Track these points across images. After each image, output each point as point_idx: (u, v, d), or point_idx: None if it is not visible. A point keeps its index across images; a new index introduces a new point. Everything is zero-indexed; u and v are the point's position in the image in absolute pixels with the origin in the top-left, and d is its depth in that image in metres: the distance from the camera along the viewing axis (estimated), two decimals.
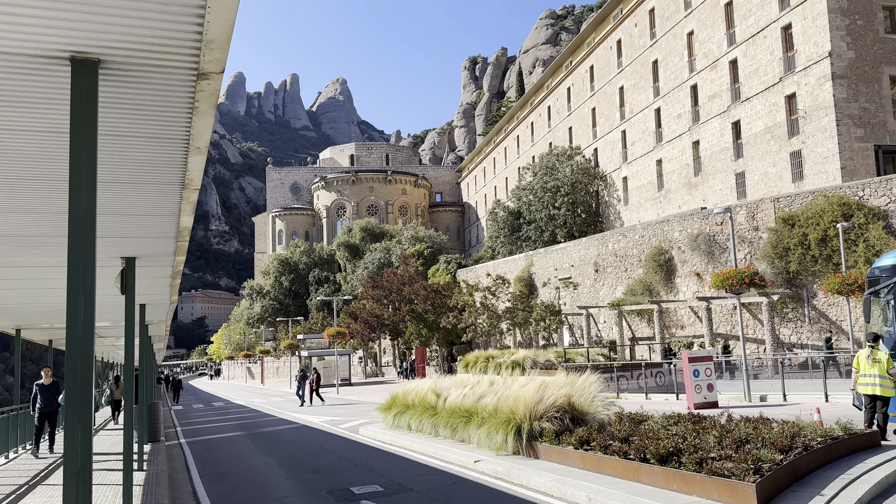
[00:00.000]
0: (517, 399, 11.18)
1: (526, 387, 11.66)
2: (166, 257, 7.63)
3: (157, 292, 10.69)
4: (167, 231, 6.36)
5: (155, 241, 6.78)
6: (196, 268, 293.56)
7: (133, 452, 13.82)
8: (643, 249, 40.85)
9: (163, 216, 5.88)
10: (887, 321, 14.58)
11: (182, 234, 6.46)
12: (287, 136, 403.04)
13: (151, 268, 8.29)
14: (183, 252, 7.39)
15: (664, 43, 50.76)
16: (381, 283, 61.83)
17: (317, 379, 35.04)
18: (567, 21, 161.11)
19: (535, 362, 26.72)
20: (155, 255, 7.54)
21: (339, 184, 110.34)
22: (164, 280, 9.46)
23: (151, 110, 3.91)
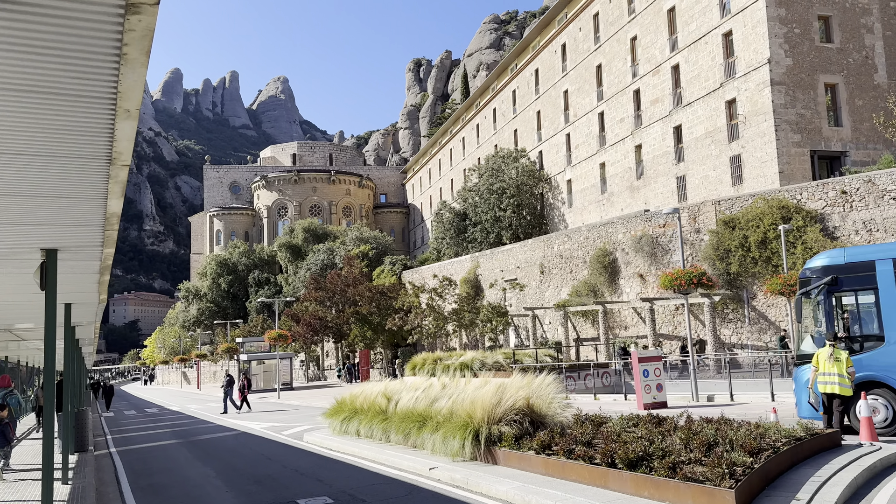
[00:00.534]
0: (474, 402, 10.68)
1: (482, 389, 11.18)
2: (93, 249, 6.77)
3: (83, 290, 9.71)
4: (93, 218, 5.56)
5: (79, 230, 5.96)
6: (129, 269, 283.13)
7: (56, 464, 12.70)
8: (588, 251, 41.13)
9: (87, 199, 5.10)
10: (817, 322, 14.80)
11: (110, 221, 5.67)
12: (226, 134, 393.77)
13: (76, 262, 7.40)
14: (112, 243, 6.56)
15: (608, 48, 51.41)
16: (325, 284, 60.57)
17: (247, 384, 33.68)
18: (510, 26, 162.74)
19: (484, 364, 26.35)
20: (80, 247, 6.68)
21: (280, 183, 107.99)
22: (91, 276, 8.53)
23: (66, 58, 3.15)
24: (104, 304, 11.76)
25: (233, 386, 33.30)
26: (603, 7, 52.23)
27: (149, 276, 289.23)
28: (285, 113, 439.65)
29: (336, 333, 59.32)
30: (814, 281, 14.77)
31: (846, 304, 15.27)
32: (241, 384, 33.44)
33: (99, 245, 6.64)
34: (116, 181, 4.77)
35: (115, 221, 5.76)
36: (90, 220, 5.65)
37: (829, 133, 36.37)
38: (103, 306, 12.23)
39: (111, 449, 19.24)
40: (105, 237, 6.26)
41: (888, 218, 27.41)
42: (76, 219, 5.58)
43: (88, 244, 6.60)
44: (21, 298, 10.01)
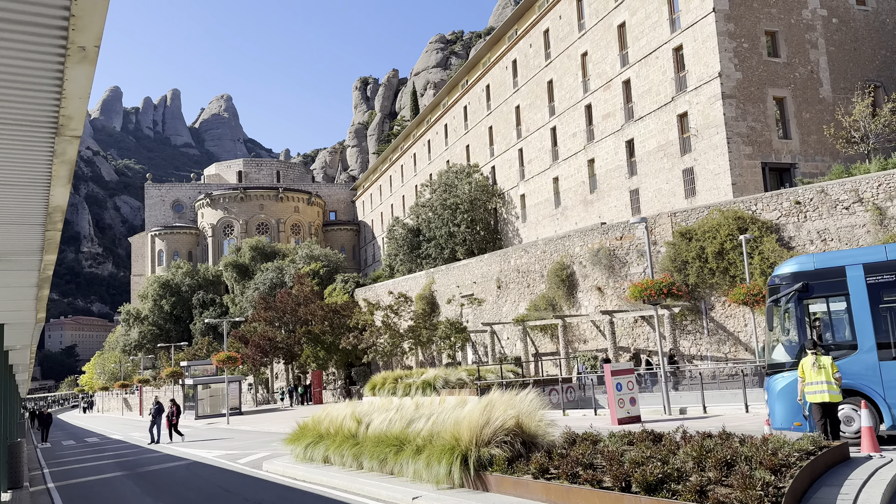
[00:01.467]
0: (458, 423, 9.84)
1: (465, 408, 10.35)
2: (30, 255, 5.71)
3: (18, 307, 8.52)
4: (31, 212, 4.57)
5: (12, 230, 4.94)
6: (66, 293, 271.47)
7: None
8: (545, 265, 40.85)
9: (23, 187, 4.12)
10: (785, 330, 14.58)
11: (53, 217, 4.68)
12: (167, 153, 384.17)
13: (9, 271, 6.30)
14: (54, 248, 5.52)
15: (559, 63, 51.74)
16: (274, 304, 58.73)
17: (176, 412, 31.67)
18: (456, 46, 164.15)
19: (447, 381, 25.51)
20: (13, 252, 5.63)
21: (226, 201, 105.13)
22: (27, 290, 7.39)
23: None
24: (42, 324, 10.49)
25: (161, 414, 31.12)
26: (553, 24, 52.63)
27: (87, 300, 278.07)
28: (229, 131, 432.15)
29: (287, 354, 57.48)
30: (783, 288, 14.54)
31: (817, 311, 15.12)
32: (170, 412, 31.33)
33: (38, 250, 5.59)
34: (63, 160, 3.79)
35: (58, 218, 4.76)
36: (27, 217, 4.64)
37: (779, 145, 37.15)
38: (40, 328, 10.95)
39: (49, 484, 17.55)
40: (46, 240, 5.23)
41: (842, 227, 27.90)
42: (9, 214, 4.57)
43: (24, 248, 5.55)
44: None
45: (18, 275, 6.63)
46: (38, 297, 8.04)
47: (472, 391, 23.48)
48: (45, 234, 5.22)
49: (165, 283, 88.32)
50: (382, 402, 14.62)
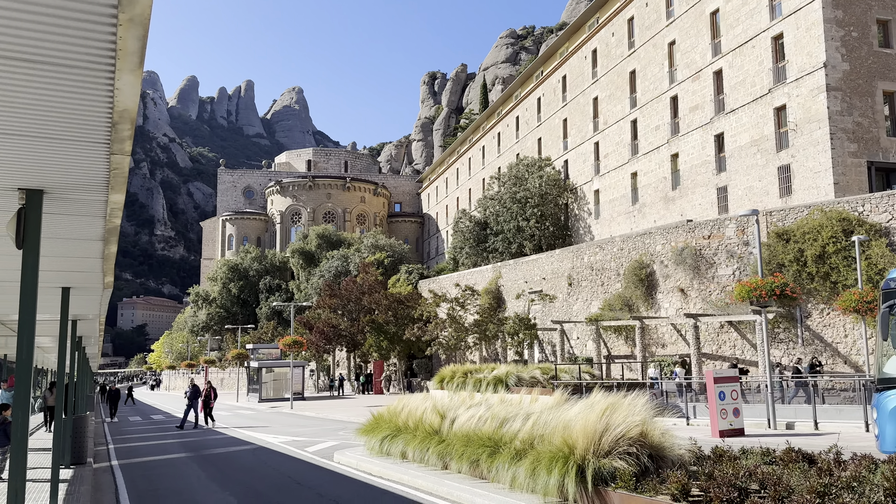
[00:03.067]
0: (568, 427, 8.49)
1: (572, 410, 8.98)
2: (94, 192, 4.68)
3: (83, 267, 7.63)
4: (92, 117, 3.50)
5: (70, 149, 3.90)
6: (138, 273, 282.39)
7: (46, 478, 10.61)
8: (622, 263, 38.86)
9: (84, 101, 3.07)
10: None
11: (120, 129, 3.58)
12: (240, 142, 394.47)
13: (70, 216, 5.33)
14: (122, 182, 4.46)
15: (643, 53, 49.38)
16: (339, 291, 58.45)
17: (213, 395, 29.89)
18: (527, 41, 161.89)
19: (520, 379, 24.09)
20: (75, 187, 4.61)
21: (295, 189, 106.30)
22: (92, 244, 6.43)
23: None
24: (110, 290, 9.65)
25: (197, 397, 29.57)
26: (638, 11, 50.27)
27: (158, 281, 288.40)
28: (299, 123, 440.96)
29: (349, 342, 57.14)
30: None
31: None
32: (206, 394, 29.56)
33: (102, 184, 4.54)
34: (128, 81, 2.71)
35: (127, 133, 3.66)
36: (86, 125, 3.57)
37: (888, 143, 34.09)
38: (108, 294, 10.13)
39: (113, 461, 17.08)
40: (112, 167, 4.16)
41: None
42: (62, 121, 3.49)
43: (88, 182, 4.52)
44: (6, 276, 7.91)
45: (81, 222, 5.65)
46: (105, 256, 7.09)
47: (547, 390, 22.01)
48: (112, 160, 4.14)
49: (234, 266, 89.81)
50: (462, 396, 13.39)
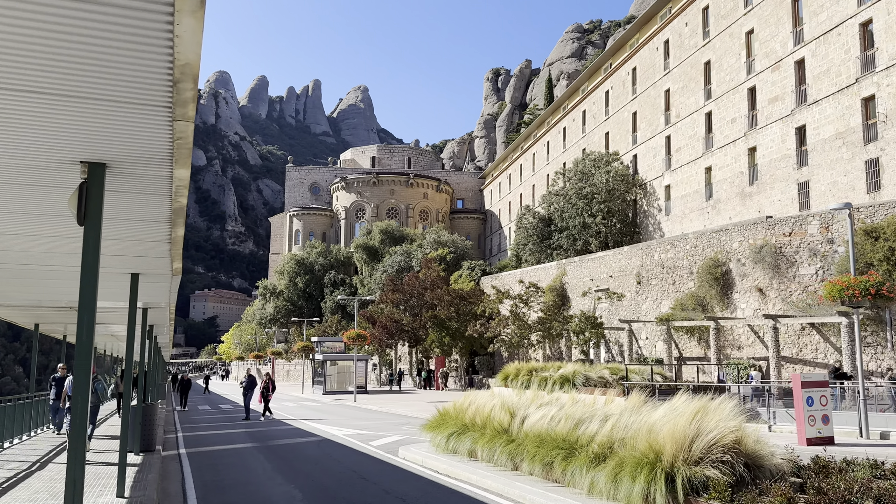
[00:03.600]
0: (653, 430, 7.84)
1: (655, 413, 8.32)
2: (158, 164, 4.41)
3: (149, 252, 7.48)
4: (153, 104, 3.20)
5: (134, 128, 3.61)
6: (210, 267, 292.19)
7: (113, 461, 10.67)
8: (695, 261, 37.34)
9: (140, 70, 2.76)
10: None
11: (182, 88, 3.25)
12: (307, 140, 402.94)
13: (134, 194, 5.08)
14: (186, 153, 4.16)
15: (718, 43, 47.38)
16: (402, 286, 58.59)
17: (270, 387, 29.16)
18: (594, 35, 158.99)
19: (588, 378, 23.29)
20: (138, 160, 4.34)
21: (359, 185, 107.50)
22: (158, 226, 6.22)
23: None
24: (178, 277, 9.55)
25: (253, 388, 29.20)
26: (714, 0, 48.25)
27: (228, 275, 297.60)
28: (364, 121, 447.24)
29: (411, 338, 57.19)
30: None
31: None
32: (264, 386, 29.00)
33: (167, 157, 4.25)
34: (189, 31, 2.39)
35: (189, 93, 3.31)
36: (150, 100, 3.26)
37: None
38: (177, 282, 10.05)
39: (181, 450, 17.30)
40: (175, 136, 3.85)
41: None
42: (132, 114, 3.20)
43: (151, 154, 4.23)
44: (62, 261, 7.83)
45: (146, 202, 5.42)
46: (172, 240, 6.88)
47: (618, 391, 21.17)
48: (175, 127, 3.82)
49: (300, 261, 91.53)
50: (530, 395, 12.82)
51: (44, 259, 7.98)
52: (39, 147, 4.21)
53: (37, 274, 9.23)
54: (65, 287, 10.75)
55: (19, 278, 9.57)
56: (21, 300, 12.36)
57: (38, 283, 10.26)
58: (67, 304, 13.32)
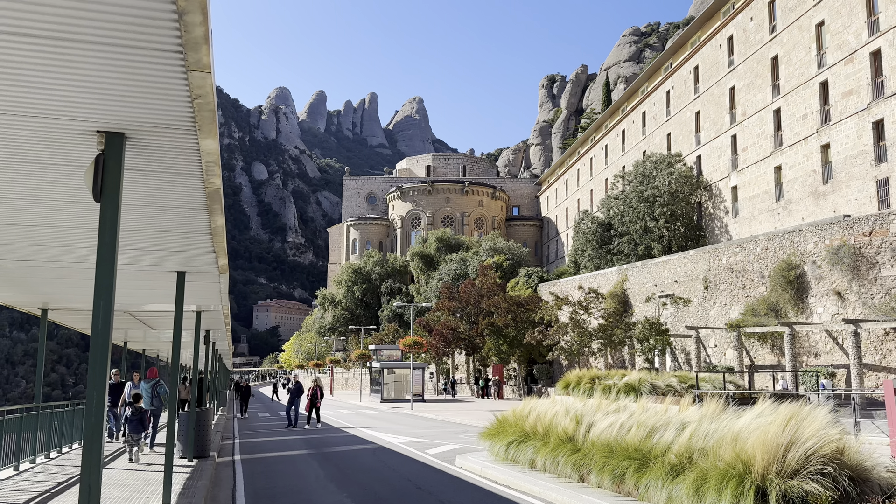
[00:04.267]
0: (739, 439, 6.97)
1: (740, 420, 7.42)
2: (179, 132, 3.93)
3: (189, 246, 7.08)
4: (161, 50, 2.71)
5: (149, 86, 3.13)
6: (272, 278, 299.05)
7: (159, 464, 10.39)
8: (766, 264, 35.47)
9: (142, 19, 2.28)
10: None
11: (193, 39, 2.73)
12: (364, 152, 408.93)
13: (161, 172, 4.61)
14: (210, 124, 3.66)
15: (786, 37, 45.26)
16: (458, 294, 58.03)
17: (318, 394, 27.40)
18: (651, 38, 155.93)
19: (654, 386, 22.14)
20: (157, 127, 3.87)
21: (414, 194, 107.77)
22: (195, 213, 5.78)
23: None
24: (226, 276, 9.19)
25: (300, 394, 27.77)
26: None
27: (290, 286, 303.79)
28: (419, 132, 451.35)
29: (468, 346, 56.51)
30: None
31: None
32: (312, 392, 27.17)
33: (188, 121, 3.77)
34: None
35: (200, 38, 2.79)
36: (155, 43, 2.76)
37: None
38: (226, 282, 9.70)
39: (235, 456, 17.11)
40: (195, 98, 3.34)
41: None
42: (152, 71, 2.70)
43: (169, 118, 3.76)
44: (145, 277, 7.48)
45: (176, 182, 4.98)
46: (213, 231, 6.45)
47: (688, 400, 19.95)
48: (189, 79, 3.30)
49: (358, 270, 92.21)
50: (595, 402, 11.98)
51: (88, 257, 7.69)
52: (52, 114, 3.78)
53: (85, 274, 9.01)
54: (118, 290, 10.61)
55: (67, 279, 9.38)
56: (77, 304, 12.29)
57: (88, 283, 10.08)
58: (123, 308, 13.23)
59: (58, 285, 10.21)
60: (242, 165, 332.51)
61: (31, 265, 8.29)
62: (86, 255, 7.35)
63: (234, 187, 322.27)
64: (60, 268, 8.40)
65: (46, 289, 10.58)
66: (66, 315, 13.51)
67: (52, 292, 10.92)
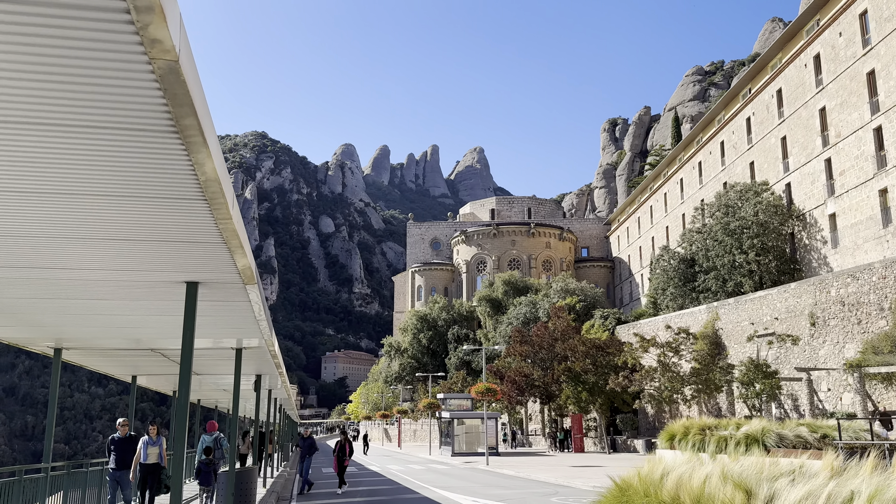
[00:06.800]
0: None
1: None
2: None
3: (191, 235, 4.79)
4: None
5: None
6: (339, 329, 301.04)
7: None
8: (886, 294, 31.20)
9: None
10: None
11: None
12: (426, 203, 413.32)
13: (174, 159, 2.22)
14: None
15: (883, 49, 41.41)
16: (530, 338, 54.75)
17: (347, 449, 22.23)
18: (716, 77, 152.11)
19: (782, 437, 18.56)
20: None
21: (479, 237, 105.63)
22: (188, 193, 3.50)
23: None
24: (255, 288, 6.86)
25: (312, 453, 22.75)
26: (873, 3, 42.52)
27: (356, 336, 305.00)
28: (480, 181, 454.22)
29: (543, 393, 52.86)
30: None
31: None
32: (338, 447, 22.06)
33: None
34: None
35: None
36: None
37: None
38: (258, 294, 7.36)
39: None
40: None
41: None
42: None
43: None
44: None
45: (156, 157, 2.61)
46: (218, 217, 4.06)
47: (832, 456, 16.33)
48: None
49: (423, 316, 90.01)
50: (754, 463, 8.96)
51: None
52: None
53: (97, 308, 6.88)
54: None
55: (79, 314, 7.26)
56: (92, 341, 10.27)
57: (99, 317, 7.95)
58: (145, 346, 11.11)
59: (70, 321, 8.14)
60: (310, 220, 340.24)
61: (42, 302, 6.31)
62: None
63: (303, 241, 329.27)
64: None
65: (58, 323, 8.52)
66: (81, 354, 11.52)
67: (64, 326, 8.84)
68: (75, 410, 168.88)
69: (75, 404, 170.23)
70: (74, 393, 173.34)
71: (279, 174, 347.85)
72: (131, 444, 12.63)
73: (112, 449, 12.98)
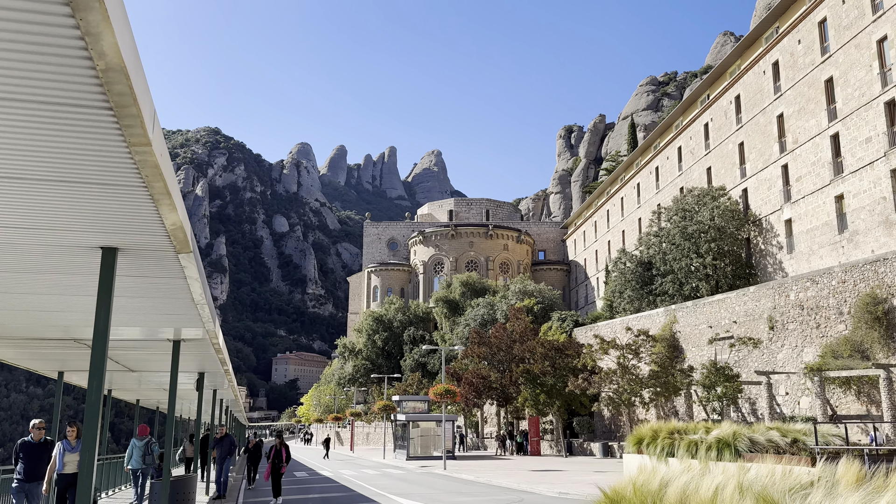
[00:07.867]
0: None
1: None
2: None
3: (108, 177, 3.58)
4: None
5: None
6: (291, 330, 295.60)
7: None
8: (845, 298, 31.29)
9: None
10: None
11: None
12: (383, 204, 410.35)
13: None
14: None
15: (842, 56, 41.94)
16: (488, 339, 53.89)
17: (283, 456, 19.53)
18: (669, 87, 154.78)
19: (754, 442, 17.96)
20: None
21: (437, 238, 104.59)
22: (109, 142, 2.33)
23: None
24: (193, 258, 5.59)
25: (231, 456, 20.08)
26: (832, 11, 43.07)
27: (309, 337, 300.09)
28: (438, 184, 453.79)
29: (500, 395, 52.05)
30: None
31: None
32: (271, 452, 19.60)
33: None
34: None
35: None
36: None
37: None
38: (195, 266, 6.08)
39: None
40: None
41: None
42: None
43: None
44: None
45: None
46: (137, 154, 2.88)
47: (804, 459, 15.78)
48: None
49: (379, 317, 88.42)
50: (769, 469, 8.08)
51: None
52: None
53: None
54: None
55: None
56: None
57: None
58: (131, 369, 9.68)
59: None
60: (264, 219, 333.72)
61: None
62: None
63: (256, 240, 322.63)
64: None
65: None
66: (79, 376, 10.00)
67: None
68: (11, 411, 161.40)
69: (12, 404, 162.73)
70: (11, 393, 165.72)
71: (232, 171, 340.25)
72: (46, 452, 10.59)
73: (21, 456, 10.74)
